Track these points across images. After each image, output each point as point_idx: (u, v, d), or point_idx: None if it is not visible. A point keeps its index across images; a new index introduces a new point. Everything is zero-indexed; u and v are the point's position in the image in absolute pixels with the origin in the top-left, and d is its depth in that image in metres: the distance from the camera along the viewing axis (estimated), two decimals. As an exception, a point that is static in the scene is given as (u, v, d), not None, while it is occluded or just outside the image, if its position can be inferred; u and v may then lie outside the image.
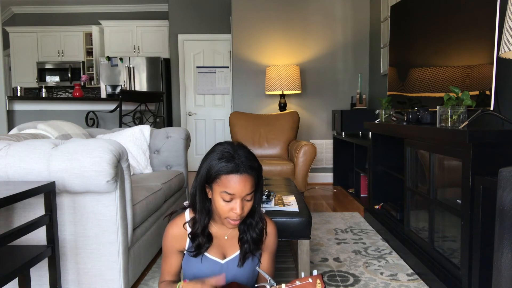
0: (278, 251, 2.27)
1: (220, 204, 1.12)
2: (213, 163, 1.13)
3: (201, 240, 1.20)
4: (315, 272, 1.04)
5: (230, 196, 1.11)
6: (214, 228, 1.24)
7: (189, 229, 1.22)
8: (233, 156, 1.12)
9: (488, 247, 1.50)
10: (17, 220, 1.61)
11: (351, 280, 1.95)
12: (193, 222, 1.22)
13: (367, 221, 2.98)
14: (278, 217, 1.67)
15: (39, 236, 1.60)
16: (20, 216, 1.61)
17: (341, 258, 2.25)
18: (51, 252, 1.53)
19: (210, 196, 1.17)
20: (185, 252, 1.24)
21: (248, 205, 1.15)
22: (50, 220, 1.51)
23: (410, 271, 2.06)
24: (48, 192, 1.49)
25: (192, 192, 1.20)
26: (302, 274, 1.08)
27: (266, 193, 1.91)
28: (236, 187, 1.10)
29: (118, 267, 1.68)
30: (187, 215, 1.25)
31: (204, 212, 1.19)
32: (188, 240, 1.23)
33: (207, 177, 1.14)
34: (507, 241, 1.08)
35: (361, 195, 3.80)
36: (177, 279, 1.30)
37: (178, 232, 1.23)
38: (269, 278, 1.07)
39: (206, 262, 1.23)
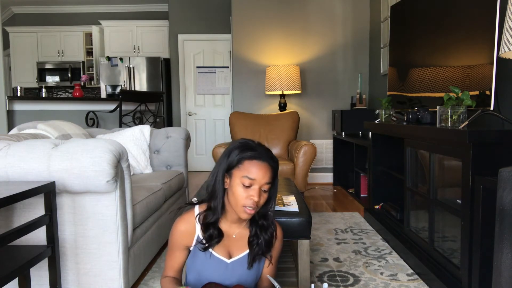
0: (278, 251, 2.28)
1: (239, 190, 1.15)
2: (235, 151, 1.18)
3: (213, 231, 1.21)
4: (325, 286, 1.06)
5: (251, 181, 1.14)
6: (224, 226, 1.25)
7: (198, 225, 1.23)
8: (256, 147, 1.19)
9: (488, 247, 1.50)
10: (17, 220, 1.61)
11: (351, 280, 1.95)
12: (204, 216, 1.23)
13: (367, 221, 2.98)
14: (278, 217, 1.67)
15: (39, 236, 1.60)
16: (20, 216, 1.61)
17: (341, 258, 2.25)
18: (51, 252, 1.53)
19: (226, 186, 1.20)
20: (191, 248, 1.25)
21: (265, 197, 1.18)
22: (50, 220, 1.51)
23: (410, 271, 2.06)
24: (48, 192, 1.49)
25: (211, 180, 1.23)
26: (312, 286, 1.11)
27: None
28: (257, 173, 1.14)
29: (118, 267, 1.68)
30: (197, 211, 1.26)
31: (222, 201, 1.21)
32: (195, 237, 1.24)
33: (229, 164, 1.18)
34: (507, 241, 1.08)
35: (361, 195, 3.80)
36: (179, 276, 1.30)
37: (187, 228, 1.24)
38: (277, 286, 1.09)
39: (211, 260, 1.23)
